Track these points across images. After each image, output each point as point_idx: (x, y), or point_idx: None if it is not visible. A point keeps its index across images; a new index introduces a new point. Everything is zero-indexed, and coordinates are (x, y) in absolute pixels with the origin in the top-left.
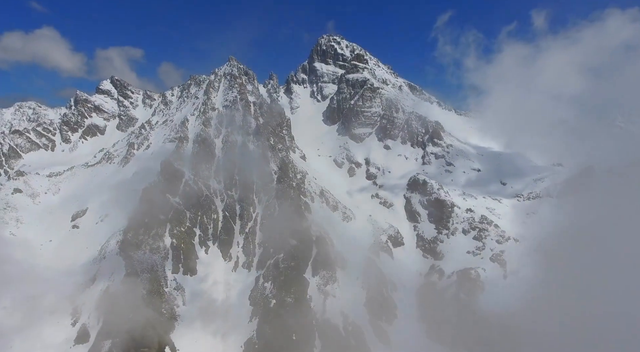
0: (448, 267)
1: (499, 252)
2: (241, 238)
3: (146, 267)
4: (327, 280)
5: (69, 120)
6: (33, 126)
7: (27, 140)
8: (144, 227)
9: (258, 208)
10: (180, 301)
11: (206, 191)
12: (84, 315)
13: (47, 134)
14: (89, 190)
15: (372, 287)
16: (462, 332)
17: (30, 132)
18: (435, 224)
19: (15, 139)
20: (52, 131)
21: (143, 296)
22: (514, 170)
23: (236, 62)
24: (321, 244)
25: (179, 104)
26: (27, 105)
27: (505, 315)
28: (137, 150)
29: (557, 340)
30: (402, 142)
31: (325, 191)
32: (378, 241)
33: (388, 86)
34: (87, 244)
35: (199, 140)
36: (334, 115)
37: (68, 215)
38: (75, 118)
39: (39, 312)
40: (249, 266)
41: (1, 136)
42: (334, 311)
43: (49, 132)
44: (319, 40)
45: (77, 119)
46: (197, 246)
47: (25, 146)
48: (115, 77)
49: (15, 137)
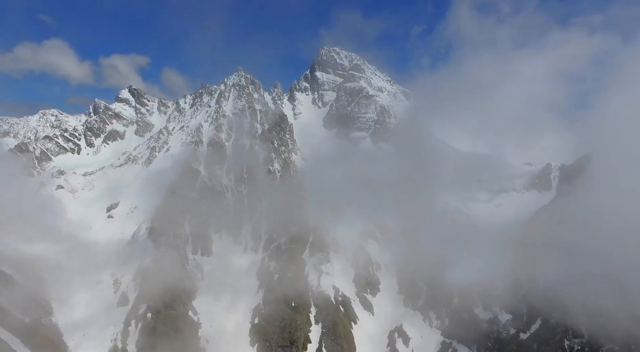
0: (424, 249)
1: (467, 237)
2: (249, 226)
3: (171, 248)
4: (321, 260)
5: (92, 127)
6: (61, 132)
7: (56, 144)
8: (168, 217)
9: (263, 201)
10: (200, 276)
11: (219, 186)
12: (123, 285)
13: (73, 139)
14: (120, 186)
15: (360, 267)
16: (431, 300)
17: (59, 137)
18: (417, 214)
19: (46, 143)
20: (78, 136)
21: (169, 271)
22: (490, 169)
23: (243, 72)
24: (317, 232)
25: (192, 111)
26: (50, 112)
27: (465, 286)
28: (159, 152)
29: (501, 300)
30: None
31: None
32: (367, 229)
33: (383, 93)
34: (121, 230)
35: (212, 144)
36: (333, 121)
37: (103, 207)
38: (98, 124)
39: (90, 283)
40: (256, 249)
41: (33, 141)
42: (326, 285)
43: (75, 137)
44: (320, 51)
45: (99, 125)
46: (212, 232)
47: (55, 150)
48: (133, 86)
49: (45, 142)
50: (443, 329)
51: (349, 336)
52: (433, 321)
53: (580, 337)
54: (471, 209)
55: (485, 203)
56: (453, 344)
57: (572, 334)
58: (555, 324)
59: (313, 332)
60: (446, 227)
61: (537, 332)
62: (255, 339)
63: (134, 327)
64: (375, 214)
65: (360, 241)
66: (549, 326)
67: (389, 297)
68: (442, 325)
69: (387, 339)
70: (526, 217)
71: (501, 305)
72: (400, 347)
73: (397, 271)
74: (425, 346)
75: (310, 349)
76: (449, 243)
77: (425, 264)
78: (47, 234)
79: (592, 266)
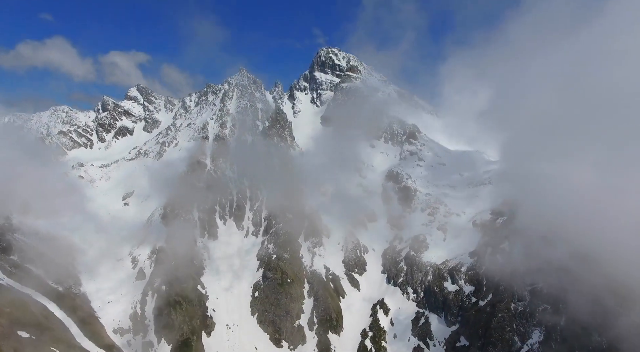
0: (406, 234)
1: (444, 224)
2: (250, 213)
3: (181, 232)
4: (315, 244)
5: (104, 123)
6: (74, 127)
7: (70, 139)
8: (178, 204)
9: (263, 191)
10: (207, 256)
11: (223, 178)
12: (140, 262)
13: (85, 134)
14: (133, 177)
15: (349, 250)
16: (409, 278)
17: (72, 132)
18: (402, 205)
19: (61, 138)
20: (90, 132)
21: (180, 251)
22: (470, 164)
23: (246, 72)
24: (311, 219)
25: (198, 109)
26: (61, 109)
27: (441, 265)
28: (168, 147)
29: (466, 275)
30: (385, 141)
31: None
32: (357, 218)
33: (378, 93)
34: (136, 216)
35: (217, 139)
36: (330, 119)
37: (119, 195)
38: (109, 121)
39: (112, 259)
40: (257, 234)
41: (48, 136)
42: (319, 265)
43: (87, 132)
44: (319, 52)
45: (110, 122)
46: (218, 218)
47: (69, 144)
48: (141, 85)
49: (60, 137)
50: (418, 301)
51: (337, 308)
52: (410, 295)
53: (523, 301)
54: (450, 199)
55: (463, 194)
56: (425, 313)
57: (517, 298)
58: (504, 291)
59: (306, 304)
60: (426, 216)
61: (491, 300)
62: (255, 310)
63: (151, 297)
64: (365, 205)
65: (351, 228)
66: (499, 292)
67: (374, 276)
68: (418, 298)
69: (370, 310)
70: (495, 207)
71: (466, 279)
72: (381, 317)
73: (382, 254)
74: (402, 315)
75: (303, 318)
76: (427, 229)
77: (406, 248)
78: (75, 214)
79: (535, 246)
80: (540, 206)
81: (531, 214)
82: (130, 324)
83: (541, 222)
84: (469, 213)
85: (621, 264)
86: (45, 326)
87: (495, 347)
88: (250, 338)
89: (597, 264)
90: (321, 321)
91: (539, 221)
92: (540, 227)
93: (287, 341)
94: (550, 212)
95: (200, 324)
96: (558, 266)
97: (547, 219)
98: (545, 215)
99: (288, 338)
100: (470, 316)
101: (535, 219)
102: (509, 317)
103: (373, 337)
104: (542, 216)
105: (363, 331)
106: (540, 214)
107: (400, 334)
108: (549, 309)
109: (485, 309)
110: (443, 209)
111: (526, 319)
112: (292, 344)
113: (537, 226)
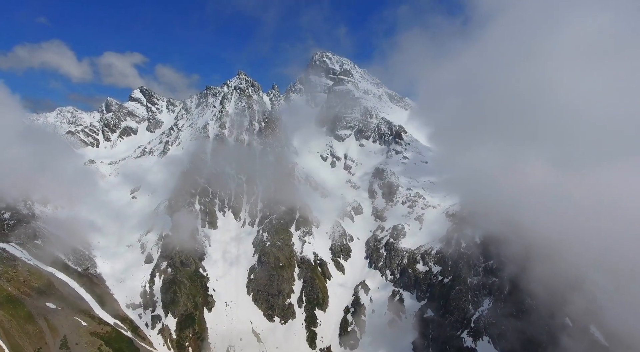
0: (387, 225)
1: (421, 215)
2: (247, 206)
3: (184, 222)
4: (305, 233)
5: (109, 123)
6: (82, 127)
7: (78, 138)
8: (182, 197)
9: (259, 186)
10: (207, 243)
11: (223, 174)
12: (148, 248)
13: (92, 134)
14: (140, 173)
15: (336, 239)
16: (388, 262)
17: (80, 132)
18: (385, 199)
19: (69, 138)
20: (96, 132)
21: (184, 238)
22: (449, 162)
23: (244, 75)
24: (303, 211)
25: (199, 111)
26: (67, 110)
27: (415, 250)
28: (172, 146)
29: (435, 258)
30: (373, 141)
31: (309, 176)
32: (344, 211)
33: (369, 96)
34: (144, 208)
35: (217, 139)
36: (323, 120)
37: (128, 190)
38: (114, 121)
39: (123, 245)
40: (253, 224)
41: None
42: (308, 251)
43: (94, 132)
44: (314, 56)
45: (115, 122)
46: (217, 210)
47: (77, 143)
48: (144, 87)
49: (68, 137)
50: (394, 282)
51: (324, 288)
52: (388, 276)
53: (477, 276)
54: (428, 193)
55: (440, 189)
56: (400, 291)
57: (473, 274)
58: (462, 268)
59: (296, 285)
60: (406, 208)
61: (453, 276)
62: (251, 290)
63: (158, 278)
64: (352, 199)
65: (338, 219)
66: (458, 269)
67: (357, 261)
68: (394, 279)
69: (352, 290)
70: (465, 199)
71: (434, 261)
72: (362, 296)
73: (365, 242)
74: (380, 293)
75: (293, 297)
76: (406, 220)
77: (387, 236)
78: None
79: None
80: (479, 189)
81: (481, 202)
82: (141, 300)
83: (488, 206)
84: (443, 205)
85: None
86: (68, 299)
87: (453, 314)
88: (246, 313)
89: (524, 231)
90: (309, 300)
91: (490, 208)
92: (490, 212)
93: (278, 316)
94: (484, 192)
95: (202, 301)
96: (508, 246)
97: (490, 202)
98: (485, 197)
99: (280, 314)
100: (436, 291)
101: (485, 205)
102: (465, 290)
103: (354, 312)
104: (484, 199)
105: (346, 308)
106: (481, 198)
107: (378, 310)
108: (497, 282)
109: (448, 284)
110: (421, 202)
111: (479, 291)
112: (283, 319)
113: (490, 211)
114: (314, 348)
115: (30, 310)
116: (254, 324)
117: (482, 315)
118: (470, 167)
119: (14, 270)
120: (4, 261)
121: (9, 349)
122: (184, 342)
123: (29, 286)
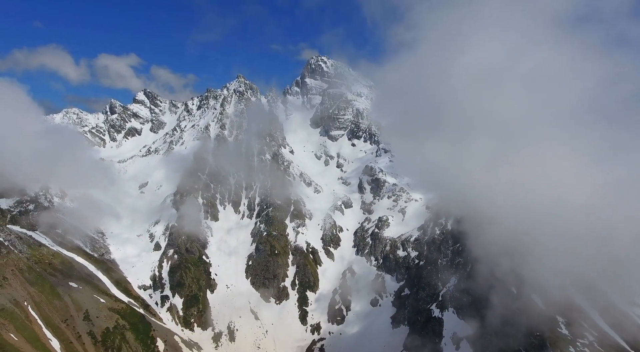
0: (374, 217)
1: (404, 207)
2: (246, 200)
3: (189, 214)
4: (299, 224)
5: (115, 124)
6: (89, 128)
7: (86, 139)
8: (186, 192)
9: (257, 182)
10: (210, 234)
11: (223, 171)
12: (156, 237)
13: (99, 134)
14: (147, 171)
15: (327, 230)
16: (373, 249)
17: (87, 133)
18: (373, 193)
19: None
20: (102, 132)
21: (188, 229)
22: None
23: (243, 78)
24: (296, 205)
25: (201, 112)
26: (72, 111)
27: (396, 238)
28: (175, 145)
29: (413, 244)
30: (364, 141)
31: (304, 173)
32: (335, 205)
33: (362, 98)
34: (151, 202)
35: (218, 139)
36: (317, 121)
37: (136, 185)
38: (119, 122)
39: (133, 234)
40: (251, 216)
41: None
42: (301, 241)
43: (100, 133)
44: (309, 60)
45: (120, 123)
46: (218, 204)
47: (85, 143)
48: (148, 89)
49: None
50: (377, 266)
51: (315, 273)
52: (372, 262)
53: (446, 258)
54: (412, 188)
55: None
56: (382, 274)
57: (443, 256)
58: (434, 251)
59: (290, 270)
60: (391, 202)
61: (427, 259)
62: (249, 274)
63: (166, 264)
64: (343, 194)
65: (329, 212)
66: (431, 252)
67: (346, 249)
68: (378, 264)
69: (341, 275)
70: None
71: (413, 247)
72: (349, 279)
73: (353, 232)
74: (365, 277)
75: (287, 281)
76: (391, 212)
77: (372, 227)
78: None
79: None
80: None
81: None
82: (151, 283)
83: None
84: (425, 199)
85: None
86: (88, 280)
87: (425, 290)
88: (245, 295)
89: (484, 215)
90: (302, 283)
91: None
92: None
93: (274, 297)
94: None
95: (205, 284)
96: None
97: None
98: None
99: (275, 295)
100: (412, 272)
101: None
102: (436, 270)
103: (341, 294)
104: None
105: (334, 290)
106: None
107: (362, 291)
108: (462, 261)
109: (422, 266)
110: (405, 196)
111: (447, 270)
112: (278, 299)
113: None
114: (305, 324)
115: (56, 288)
116: (251, 304)
117: (448, 290)
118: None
119: (40, 254)
120: (32, 246)
121: (40, 319)
122: (189, 319)
123: (54, 268)
